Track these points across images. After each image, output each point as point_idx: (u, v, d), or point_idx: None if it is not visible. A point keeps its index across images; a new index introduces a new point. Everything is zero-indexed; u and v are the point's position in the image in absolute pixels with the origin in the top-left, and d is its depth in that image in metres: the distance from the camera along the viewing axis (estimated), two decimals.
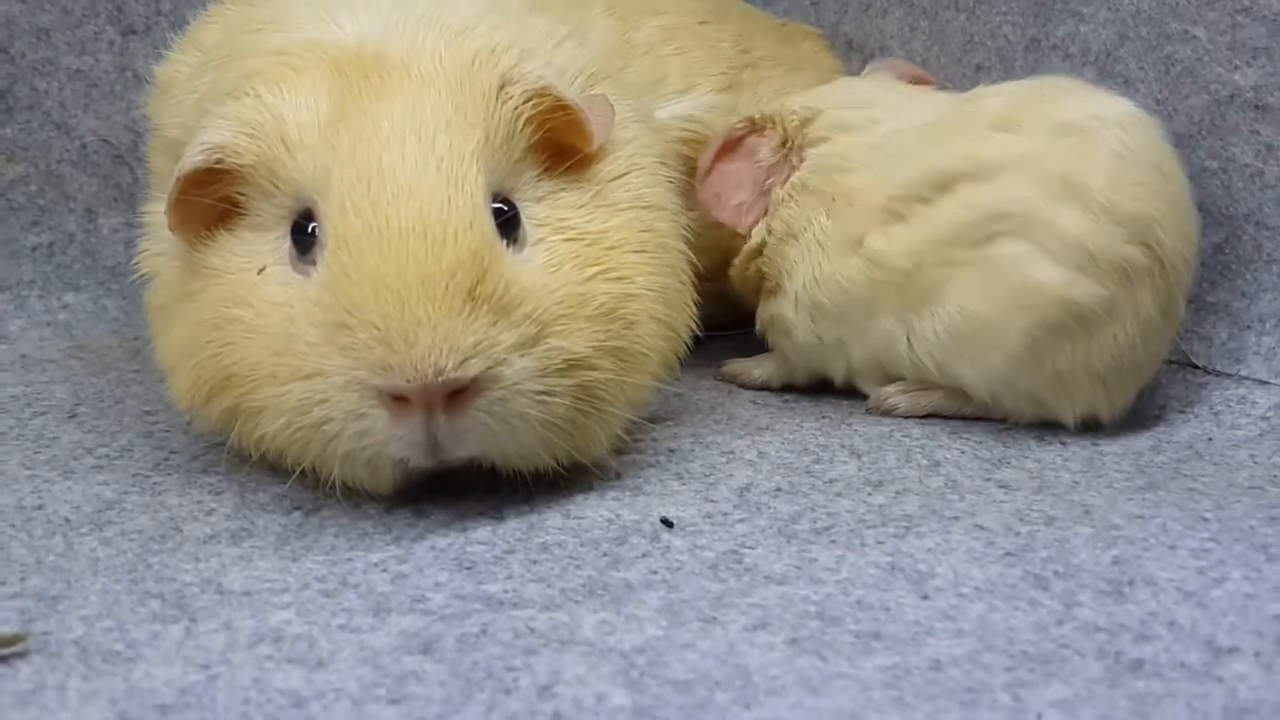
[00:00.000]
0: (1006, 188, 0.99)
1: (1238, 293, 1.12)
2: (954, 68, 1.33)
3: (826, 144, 1.09)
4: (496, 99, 0.86)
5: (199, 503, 0.88)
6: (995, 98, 1.06)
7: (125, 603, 0.73)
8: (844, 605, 0.73)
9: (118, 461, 0.95)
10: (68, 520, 0.85)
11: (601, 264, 0.87)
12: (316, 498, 0.88)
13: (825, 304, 1.06)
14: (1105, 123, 1.00)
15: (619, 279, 0.87)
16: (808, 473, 0.93)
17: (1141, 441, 1.00)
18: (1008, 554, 0.79)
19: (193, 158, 0.85)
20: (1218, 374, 1.11)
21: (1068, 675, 0.65)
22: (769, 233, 1.10)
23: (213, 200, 0.86)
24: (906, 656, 0.67)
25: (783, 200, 1.09)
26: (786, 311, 1.10)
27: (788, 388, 1.13)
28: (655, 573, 0.77)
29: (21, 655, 0.67)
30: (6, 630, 0.69)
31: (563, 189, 0.89)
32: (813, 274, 1.07)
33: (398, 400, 0.79)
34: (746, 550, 0.80)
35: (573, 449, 0.87)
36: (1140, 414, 1.05)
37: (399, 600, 0.74)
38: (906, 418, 1.05)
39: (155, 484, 0.91)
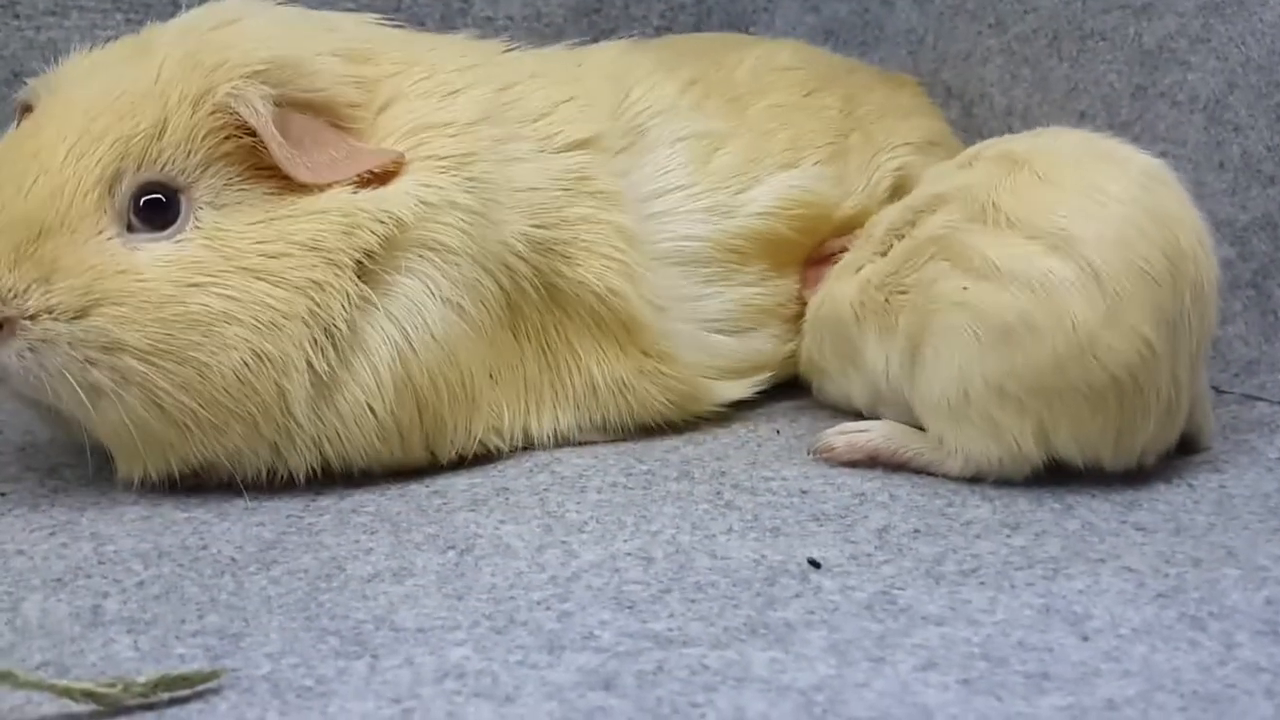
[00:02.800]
0: (943, 214, 1.03)
1: None
2: (1057, 115, 1.35)
3: None
4: (189, 104, 0.95)
5: (356, 542, 0.90)
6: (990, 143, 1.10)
7: (304, 639, 0.76)
8: (1006, 646, 0.74)
9: (268, 504, 0.98)
10: (234, 560, 0.87)
11: (216, 281, 0.93)
12: (467, 538, 0.91)
13: (826, 319, 1.12)
14: (1042, 151, 1.02)
15: (225, 298, 0.92)
16: (942, 515, 0.94)
17: (1267, 484, 1.01)
18: (1160, 595, 0.80)
19: (19, 93, 1.03)
20: None
21: (1239, 715, 0.66)
22: None
23: None
24: (1080, 697, 0.68)
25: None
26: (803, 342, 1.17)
27: None
28: (813, 613, 0.79)
29: (216, 691, 0.70)
30: (195, 668, 0.72)
31: (252, 204, 0.95)
32: (822, 297, 1.14)
33: None
34: (898, 591, 0.82)
35: (187, 454, 0.95)
36: (1262, 457, 1.06)
37: (569, 637, 0.76)
38: (847, 463, 1.04)
39: (309, 524, 0.94)
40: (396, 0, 1.48)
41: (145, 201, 0.94)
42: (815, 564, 0.86)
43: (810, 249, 1.21)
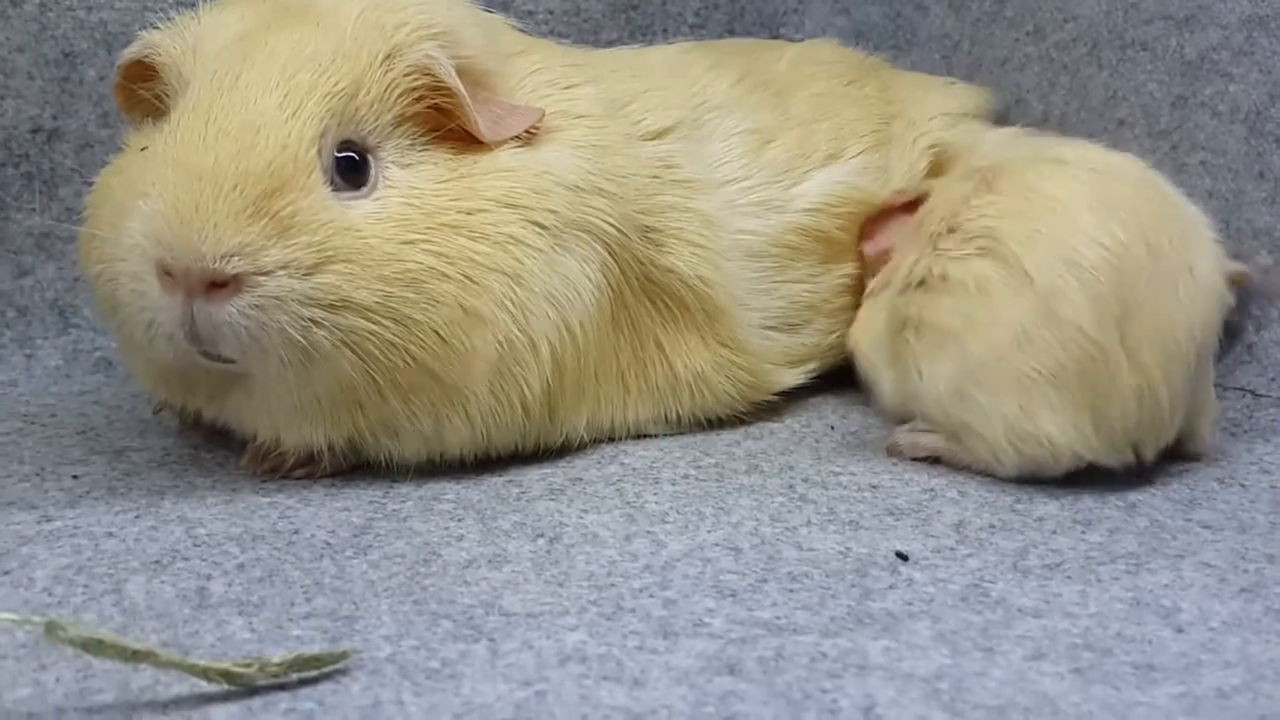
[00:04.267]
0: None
1: None
2: (1095, 123, 1.38)
3: None
4: (380, 64, 0.94)
5: (445, 529, 0.91)
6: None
7: (418, 623, 0.77)
8: (1106, 638, 0.76)
9: (346, 490, 0.98)
10: (329, 544, 0.88)
11: (426, 236, 0.93)
12: (554, 526, 0.92)
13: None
14: (1003, 160, 1.08)
15: (435, 254, 0.93)
16: (1013, 511, 0.97)
17: None
18: (1243, 590, 0.83)
19: (130, 49, 0.99)
20: None
21: None
22: None
23: (149, 94, 0.99)
24: (1190, 686, 0.70)
25: None
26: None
27: None
28: (911, 604, 0.81)
29: (344, 672, 0.71)
30: (317, 649, 0.73)
31: (435, 163, 0.96)
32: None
33: (167, 275, 0.89)
34: (988, 584, 0.84)
35: (361, 422, 0.95)
36: None
37: (680, 624, 0.77)
38: (913, 459, 1.08)
39: (394, 511, 0.94)
40: None
41: (343, 159, 0.93)
42: (903, 556, 0.88)
43: (854, 246, 1.22)
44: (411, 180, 0.95)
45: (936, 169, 1.26)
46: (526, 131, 0.99)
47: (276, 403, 0.95)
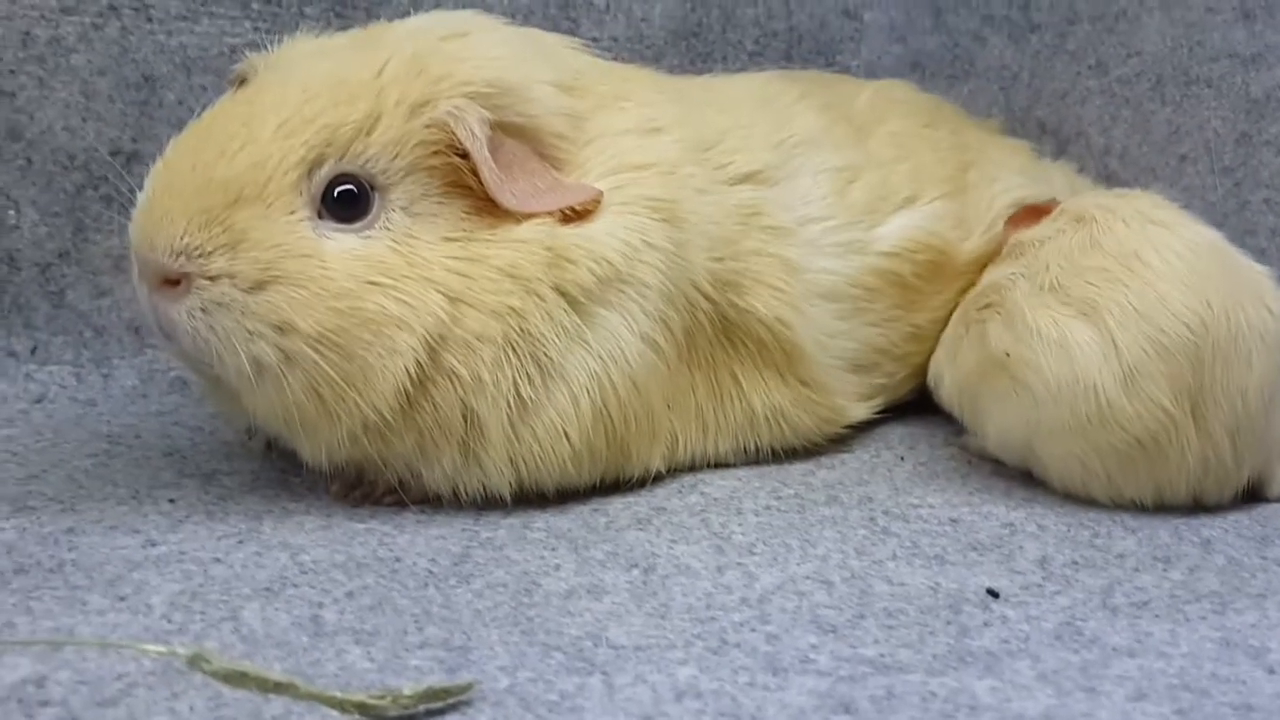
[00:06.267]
0: (1011, 264, 1.13)
1: None
2: (1156, 158, 1.40)
3: None
4: (407, 109, 0.96)
5: (541, 558, 0.93)
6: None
7: (530, 654, 0.79)
8: (1201, 678, 0.78)
9: (437, 516, 1.00)
10: (431, 573, 0.90)
11: (397, 285, 0.94)
12: (646, 556, 0.94)
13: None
14: (1107, 210, 1.10)
15: (402, 304, 0.94)
16: (1093, 547, 0.99)
17: None
18: None
19: (237, 66, 1.04)
20: None
21: None
22: None
23: None
24: None
25: None
26: None
27: None
28: (1008, 642, 0.83)
29: (469, 703, 0.73)
30: (438, 680, 0.75)
31: (446, 219, 0.96)
32: None
33: (137, 265, 0.95)
34: (1080, 622, 0.86)
35: (295, 429, 0.96)
36: None
37: (786, 660, 0.79)
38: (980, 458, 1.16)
39: (488, 539, 0.96)
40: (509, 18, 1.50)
41: (340, 192, 0.95)
42: (994, 594, 0.90)
43: (929, 295, 1.23)
44: (412, 228, 0.96)
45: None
46: (572, 210, 0.98)
47: (257, 413, 0.97)
